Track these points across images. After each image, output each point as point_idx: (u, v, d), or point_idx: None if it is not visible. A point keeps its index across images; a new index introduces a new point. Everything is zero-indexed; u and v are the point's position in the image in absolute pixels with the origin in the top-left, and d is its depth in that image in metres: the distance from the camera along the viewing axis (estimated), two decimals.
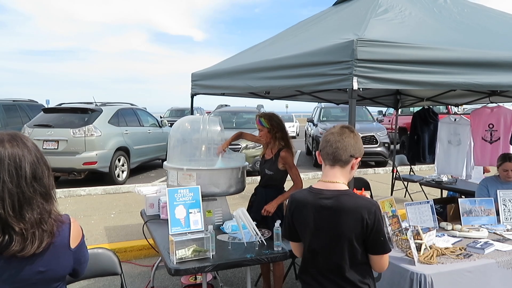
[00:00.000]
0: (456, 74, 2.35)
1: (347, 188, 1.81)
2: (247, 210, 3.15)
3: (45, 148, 7.84)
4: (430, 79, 2.32)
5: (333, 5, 3.85)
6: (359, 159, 1.82)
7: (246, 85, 3.31)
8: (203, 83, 4.27)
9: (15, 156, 1.26)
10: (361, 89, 2.21)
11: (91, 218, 6.00)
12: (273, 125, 3.48)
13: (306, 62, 2.55)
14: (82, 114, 8.46)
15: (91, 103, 9.27)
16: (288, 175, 3.53)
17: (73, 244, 1.38)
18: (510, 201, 3.42)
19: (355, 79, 2.17)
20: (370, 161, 11.24)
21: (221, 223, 3.39)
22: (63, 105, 9.18)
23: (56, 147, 7.90)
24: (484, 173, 5.74)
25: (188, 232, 2.77)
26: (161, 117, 12.60)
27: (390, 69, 2.24)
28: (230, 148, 3.74)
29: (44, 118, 8.50)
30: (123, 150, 8.94)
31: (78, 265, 1.43)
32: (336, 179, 1.79)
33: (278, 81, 2.86)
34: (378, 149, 10.85)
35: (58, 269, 1.34)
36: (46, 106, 10.32)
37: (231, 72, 3.61)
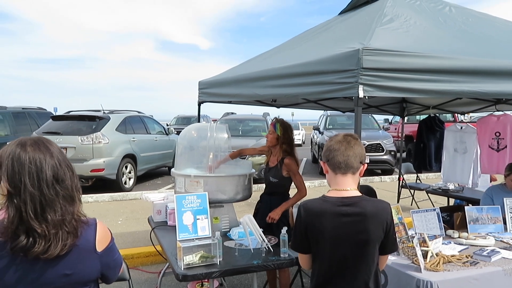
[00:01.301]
0: (461, 83, 2.38)
1: (360, 194, 1.83)
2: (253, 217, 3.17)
3: None
4: (435, 87, 2.34)
5: (339, 14, 3.90)
6: (366, 166, 1.86)
7: (253, 93, 3.35)
8: (210, 91, 4.32)
9: (36, 160, 1.27)
10: (366, 97, 2.24)
11: None
12: (284, 136, 3.53)
13: (312, 71, 2.59)
14: (90, 122, 8.55)
15: (98, 110, 9.38)
16: (293, 182, 3.55)
17: (100, 247, 1.36)
18: None
19: (360, 87, 2.20)
20: (377, 169, 11.21)
21: (228, 229, 3.41)
22: (71, 113, 9.29)
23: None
24: (491, 181, 5.72)
25: (196, 238, 2.79)
26: (167, 125, 12.69)
27: (395, 78, 2.27)
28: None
29: (53, 125, 8.60)
30: (130, 158, 9.01)
31: (107, 269, 1.41)
32: (349, 187, 1.81)
33: (284, 89, 2.90)
34: (384, 157, 10.83)
35: (83, 273, 1.33)
36: (54, 114, 10.44)
37: (238, 80, 3.66)
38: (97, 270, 1.37)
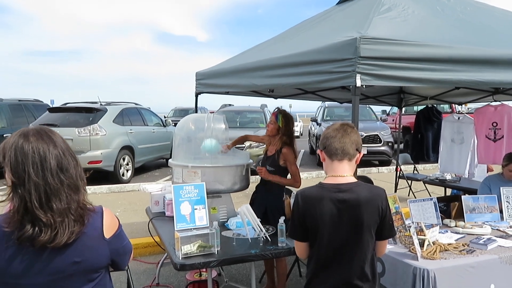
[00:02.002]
0: (458, 72, 2.37)
1: (356, 180, 1.87)
2: None
3: None
4: (433, 76, 2.34)
5: (337, 4, 3.88)
6: (362, 154, 1.89)
7: (250, 84, 3.34)
8: (207, 82, 4.31)
9: (39, 149, 1.28)
10: (364, 86, 2.24)
11: None
12: (286, 127, 3.53)
13: (309, 60, 2.58)
14: (87, 114, 8.53)
15: (95, 102, 9.34)
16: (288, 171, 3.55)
17: (108, 234, 1.37)
18: None
19: (358, 77, 2.20)
20: (374, 160, 11.24)
21: (226, 220, 3.42)
22: (68, 105, 9.25)
23: None
24: (487, 172, 5.75)
25: (193, 228, 2.80)
26: (165, 117, 12.66)
27: (393, 67, 2.27)
28: (235, 147, 3.79)
29: (50, 117, 8.57)
30: (128, 149, 9.00)
31: (117, 256, 1.42)
32: (346, 173, 1.84)
33: (282, 79, 2.89)
34: (382, 148, 10.85)
35: (93, 259, 1.34)
36: (51, 106, 10.40)
37: (235, 71, 3.64)
38: (106, 257, 1.38)
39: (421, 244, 2.65)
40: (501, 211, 3.42)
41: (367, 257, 1.83)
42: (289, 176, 3.52)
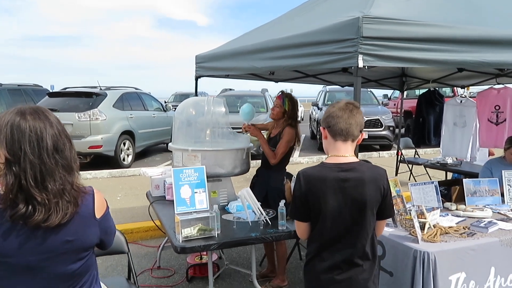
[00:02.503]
0: (463, 52, 2.33)
1: (358, 160, 1.88)
2: None
3: None
4: (437, 57, 2.29)
5: None
6: (364, 134, 1.90)
7: (251, 66, 3.29)
8: (207, 65, 4.26)
9: (36, 128, 1.28)
10: (366, 67, 2.19)
11: None
12: (291, 111, 3.53)
13: (311, 41, 2.53)
14: (87, 98, 8.48)
15: (95, 87, 9.29)
16: (288, 154, 3.53)
17: (98, 214, 1.40)
18: None
19: (360, 57, 2.16)
20: (375, 144, 11.22)
21: (226, 203, 3.42)
22: (67, 89, 9.20)
23: None
24: (489, 156, 5.73)
25: (194, 212, 2.80)
26: (165, 102, 12.61)
27: (396, 47, 2.22)
28: (234, 131, 3.77)
29: (49, 102, 8.53)
30: (128, 134, 8.98)
31: (105, 235, 1.45)
32: (348, 153, 1.84)
33: (282, 61, 2.85)
34: (383, 132, 10.81)
35: (85, 238, 1.36)
36: (51, 91, 10.35)
37: (236, 53, 3.59)
38: (97, 236, 1.41)
39: (422, 227, 2.64)
40: (502, 195, 3.41)
41: (368, 236, 1.85)
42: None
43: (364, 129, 1.89)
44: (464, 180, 3.48)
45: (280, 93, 3.61)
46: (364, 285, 1.86)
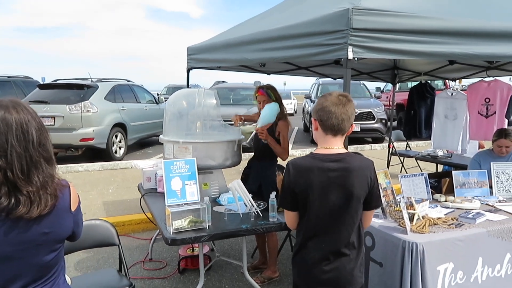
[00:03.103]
0: (452, 44, 2.33)
1: (346, 151, 1.91)
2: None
3: None
4: (426, 49, 2.30)
5: None
6: (354, 126, 1.93)
7: (242, 58, 3.28)
8: (199, 57, 4.23)
9: (21, 122, 1.29)
10: (356, 59, 2.20)
11: (89, 193, 6.05)
12: (277, 97, 3.54)
13: (301, 33, 2.52)
14: (78, 90, 8.40)
15: (86, 79, 9.20)
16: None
17: (73, 207, 1.43)
18: (503, 173, 3.45)
19: (350, 49, 2.16)
20: (367, 137, 11.27)
21: (218, 195, 3.42)
22: (58, 81, 9.11)
23: (53, 123, 7.88)
24: (479, 148, 5.78)
25: (185, 203, 2.80)
26: (158, 95, 12.55)
27: (385, 39, 2.22)
28: (226, 123, 3.76)
29: (40, 94, 8.44)
30: (120, 127, 8.93)
31: (77, 227, 1.48)
32: (337, 145, 1.88)
33: (273, 52, 2.84)
34: (375, 125, 10.86)
35: (60, 231, 1.39)
36: (42, 83, 10.24)
37: (227, 45, 3.57)
38: (70, 228, 1.43)
39: (411, 219, 2.67)
40: (490, 187, 3.45)
41: (355, 225, 1.88)
42: None
43: (356, 122, 1.94)
44: (453, 172, 3.51)
45: (259, 89, 3.57)
46: (350, 273, 1.90)
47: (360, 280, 1.95)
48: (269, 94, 3.51)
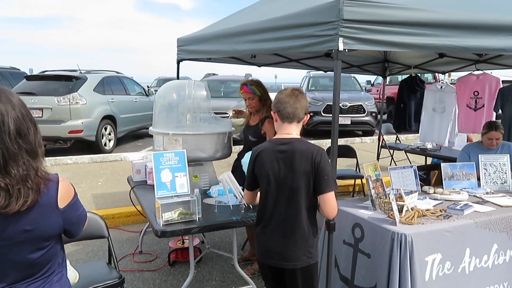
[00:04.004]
0: (442, 37, 2.33)
1: (299, 137, 2.13)
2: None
3: None
4: (417, 41, 2.30)
5: None
6: (309, 116, 2.21)
7: (232, 49, 3.25)
8: (189, 48, 4.19)
9: None
10: (346, 50, 2.19)
11: (78, 186, 5.99)
12: (261, 93, 3.52)
13: (291, 24, 2.51)
14: (66, 82, 8.29)
15: (75, 70, 9.08)
16: None
17: (62, 204, 1.34)
18: (491, 165, 3.50)
19: (340, 40, 2.14)
20: (358, 130, 11.32)
21: (208, 188, 3.41)
22: (46, 73, 8.97)
23: (41, 115, 7.77)
24: (467, 141, 5.84)
25: (174, 196, 2.78)
26: (148, 87, 12.45)
27: (377, 30, 2.21)
28: (217, 115, 3.75)
29: (27, 85, 8.31)
30: (110, 119, 8.84)
31: (70, 225, 1.40)
32: (292, 132, 2.12)
33: (263, 44, 2.82)
34: (366, 118, 10.90)
35: (45, 228, 1.31)
36: (29, 74, 10.08)
37: (217, 36, 3.54)
38: (59, 226, 1.36)
39: (400, 210, 2.69)
40: (478, 179, 3.49)
41: (303, 208, 2.05)
42: None
43: (347, 115, 2.03)
44: (442, 164, 3.54)
45: (242, 85, 3.56)
46: (296, 255, 2.07)
47: (306, 260, 2.10)
48: (253, 90, 3.50)
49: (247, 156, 2.88)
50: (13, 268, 1.30)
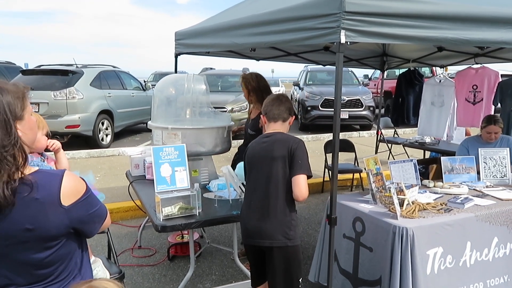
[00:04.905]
0: (444, 29, 2.31)
1: (280, 131, 2.37)
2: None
3: None
4: (419, 34, 2.27)
5: None
6: (294, 117, 2.49)
7: (231, 43, 3.22)
8: (187, 42, 4.15)
9: None
10: (348, 43, 2.16)
11: None
12: (249, 88, 3.60)
13: (292, 16, 2.48)
14: (63, 76, 8.22)
15: (71, 65, 9.00)
16: None
17: (67, 201, 1.25)
18: (490, 159, 3.50)
19: (343, 33, 2.12)
20: (355, 124, 11.31)
21: (207, 182, 3.39)
22: (42, 67, 8.90)
23: (37, 110, 7.71)
24: (466, 135, 5.84)
25: (174, 190, 2.77)
26: (144, 81, 12.36)
27: (379, 23, 2.19)
28: (216, 110, 3.74)
29: (23, 80, 8.22)
30: (107, 114, 8.79)
31: (80, 224, 1.31)
32: (277, 129, 2.38)
33: (263, 37, 2.79)
34: (364, 112, 10.89)
35: (48, 227, 1.23)
36: (24, 69, 10.00)
37: (216, 30, 3.50)
38: (64, 225, 1.27)
39: (401, 204, 2.69)
40: (478, 172, 3.49)
41: (279, 190, 2.22)
42: None
43: (345, 109, 2.11)
44: (441, 158, 3.54)
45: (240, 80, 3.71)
46: (273, 233, 2.21)
47: (283, 241, 2.21)
48: (242, 85, 3.65)
49: (239, 167, 2.92)
50: (21, 269, 1.25)
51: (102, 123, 8.64)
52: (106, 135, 8.80)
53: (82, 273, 1.38)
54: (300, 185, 2.18)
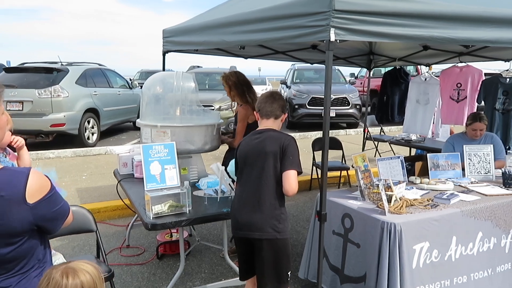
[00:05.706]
0: (432, 28, 2.35)
1: (271, 128, 2.41)
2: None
3: (9, 110, 7.49)
4: (407, 32, 2.31)
5: None
6: (286, 114, 2.53)
7: (220, 40, 3.22)
8: (175, 39, 4.13)
9: None
10: (338, 41, 2.19)
11: (61, 180, 5.88)
12: (229, 84, 3.66)
13: (282, 14, 2.49)
14: (47, 74, 8.09)
15: (56, 62, 8.87)
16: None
17: (32, 198, 1.26)
18: (475, 155, 3.57)
19: (332, 31, 2.14)
20: (342, 122, 11.40)
21: (197, 180, 3.39)
22: (26, 65, 8.74)
23: (21, 108, 7.59)
24: (450, 134, 5.94)
25: (164, 188, 2.76)
26: (131, 80, 12.23)
27: (368, 21, 2.22)
28: (204, 108, 3.74)
29: (6, 78, 8.08)
30: (93, 112, 8.69)
31: (43, 221, 1.32)
32: (269, 126, 2.43)
33: (253, 35, 2.80)
34: (350, 110, 10.98)
35: (12, 224, 1.24)
36: (7, 66, 9.80)
37: (205, 27, 3.49)
38: (28, 222, 1.28)
39: (389, 200, 2.73)
40: (463, 169, 3.56)
41: (270, 184, 2.27)
42: None
43: (332, 107, 2.12)
44: (428, 154, 3.60)
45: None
46: (263, 226, 2.25)
47: (273, 233, 2.25)
48: (223, 84, 3.70)
49: (232, 164, 2.93)
50: None
51: (88, 122, 8.54)
52: (92, 134, 8.70)
53: (43, 267, 1.40)
54: (291, 180, 2.23)
